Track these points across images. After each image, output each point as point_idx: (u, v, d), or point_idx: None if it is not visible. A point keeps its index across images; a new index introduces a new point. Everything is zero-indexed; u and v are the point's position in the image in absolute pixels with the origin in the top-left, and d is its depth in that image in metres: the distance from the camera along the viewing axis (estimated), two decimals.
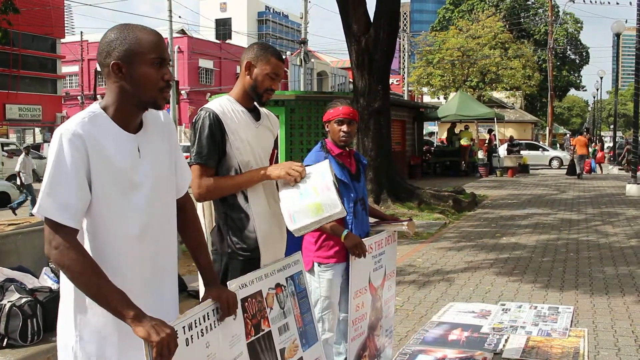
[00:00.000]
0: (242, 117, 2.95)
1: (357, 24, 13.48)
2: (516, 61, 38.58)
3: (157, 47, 2.07)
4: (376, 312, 3.92)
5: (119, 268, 2.04)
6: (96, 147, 1.99)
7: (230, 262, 2.92)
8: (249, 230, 2.91)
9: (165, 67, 2.09)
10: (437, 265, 8.04)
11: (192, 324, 2.17)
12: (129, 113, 2.09)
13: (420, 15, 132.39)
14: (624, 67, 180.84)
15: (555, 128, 50.23)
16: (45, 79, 44.14)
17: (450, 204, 13.51)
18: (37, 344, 3.23)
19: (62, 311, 2.10)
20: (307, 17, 35.91)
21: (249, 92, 2.99)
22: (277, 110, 18.54)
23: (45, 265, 3.86)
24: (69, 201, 1.93)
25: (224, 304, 2.33)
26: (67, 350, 2.06)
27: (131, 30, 2.07)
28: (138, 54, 2.03)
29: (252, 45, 3.07)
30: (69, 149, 1.94)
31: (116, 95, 2.07)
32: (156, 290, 2.16)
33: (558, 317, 5.72)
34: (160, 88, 2.07)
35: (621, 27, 23.90)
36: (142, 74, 2.04)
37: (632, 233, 10.48)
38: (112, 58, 2.03)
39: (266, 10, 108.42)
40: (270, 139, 3.13)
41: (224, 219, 2.93)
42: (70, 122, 1.99)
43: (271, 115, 3.19)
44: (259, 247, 2.93)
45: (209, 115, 2.85)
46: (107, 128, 2.04)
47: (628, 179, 18.15)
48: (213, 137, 2.84)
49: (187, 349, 2.11)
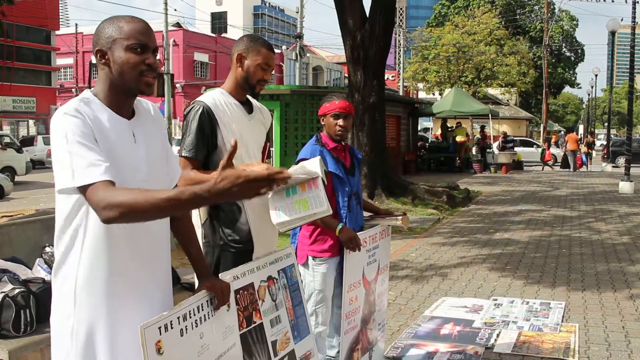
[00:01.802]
0: (235, 110, 2.96)
1: (352, 18, 13.47)
2: (511, 58, 38.65)
3: (138, 33, 2.08)
4: (369, 305, 3.94)
5: (115, 254, 2.04)
6: (97, 125, 2.00)
7: (223, 254, 2.92)
8: (241, 222, 2.92)
9: (147, 53, 2.09)
10: (431, 260, 8.07)
11: (187, 314, 2.19)
12: (118, 99, 2.11)
13: (416, 11, 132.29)
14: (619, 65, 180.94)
15: (549, 125, 50.35)
16: (39, 71, 43.97)
17: (444, 199, 13.55)
18: (30, 334, 3.23)
19: (60, 293, 2.08)
20: (302, 11, 35.84)
21: (241, 84, 3.00)
22: (272, 104, 18.51)
23: (38, 256, 3.86)
24: (97, 160, 1.91)
25: (219, 293, 2.35)
26: (64, 331, 2.05)
27: (117, 19, 2.12)
28: (118, 40, 2.07)
29: (242, 37, 3.09)
30: (78, 122, 1.95)
31: (103, 82, 2.11)
32: (150, 276, 2.17)
33: (550, 312, 5.77)
34: (140, 71, 2.08)
35: (616, 25, 23.96)
36: (122, 58, 2.07)
37: (624, 230, 10.54)
38: (97, 46, 2.10)
39: (262, 4, 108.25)
40: (263, 133, 3.14)
41: (215, 211, 2.93)
42: (68, 105, 2.01)
43: (264, 108, 3.19)
44: (252, 240, 2.93)
45: (200, 109, 2.86)
46: (103, 112, 2.06)
47: (621, 176, 18.22)
48: (202, 130, 2.84)
49: (181, 339, 2.12)
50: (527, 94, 53.04)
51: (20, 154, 21.27)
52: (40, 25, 41.60)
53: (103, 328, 2.04)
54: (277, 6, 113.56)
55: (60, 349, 2.08)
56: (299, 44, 34.21)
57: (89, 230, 2.03)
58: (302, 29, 36.16)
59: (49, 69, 45.03)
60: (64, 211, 2.04)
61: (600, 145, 43.70)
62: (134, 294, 2.09)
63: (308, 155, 3.60)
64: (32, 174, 22.55)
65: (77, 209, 2.02)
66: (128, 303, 2.08)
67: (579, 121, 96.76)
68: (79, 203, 2.01)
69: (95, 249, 2.02)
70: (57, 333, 2.08)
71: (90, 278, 2.03)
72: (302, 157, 3.62)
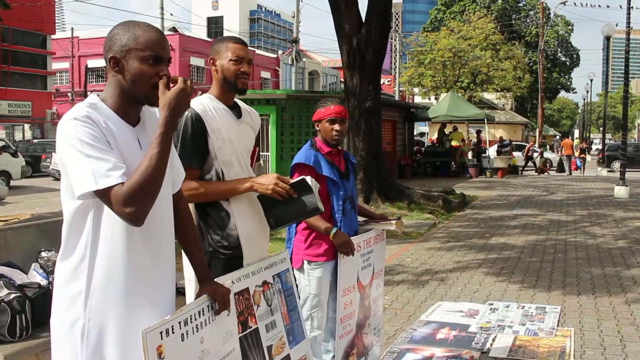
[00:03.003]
0: (224, 115, 2.94)
1: (348, 23, 13.50)
2: (507, 62, 38.78)
3: (154, 44, 2.09)
4: (364, 310, 3.94)
5: (120, 258, 2.04)
6: (106, 130, 2.01)
7: (212, 261, 2.88)
8: (230, 228, 2.90)
9: (162, 65, 2.10)
10: (426, 264, 8.08)
11: (188, 319, 2.19)
12: (126, 106, 2.12)
13: (412, 15, 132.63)
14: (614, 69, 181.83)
15: (545, 130, 50.45)
16: (35, 75, 43.83)
17: (440, 204, 13.55)
18: (26, 339, 3.23)
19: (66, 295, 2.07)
20: (299, 16, 35.93)
21: (223, 86, 2.98)
22: (268, 109, 18.54)
23: (34, 261, 3.85)
24: (115, 162, 1.93)
25: (220, 299, 2.36)
26: (72, 333, 2.03)
27: (133, 26, 2.10)
28: (133, 49, 2.07)
29: (212, 43, 3.10)
30: (89, 127, 1.95)
31: (114, 88, 2.11)
32: (155, 280, 2.17)
33: (545, 316, 5.78)
34: (152, 84, 2.08)
35: (611, 30, 24.05)
36: (136, 69, 2.07)
37: (619, 234, 10.56)
38: (111, 52, 2.08)
39: (258, 8, 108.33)
40: (252, 137, 3.12)
41: (204, 217, 2.91)
42: (77, 109, 2.01)
43: (253, 111, 3.17)
44: (242, 246, 2.91)
45: (190, 116, 2.83)
46: (110, 117, 2.07)
47: (616, 180, 18.27)
48: (196, 138, 2.83)
49: (182, 344, 2.13)
50: (523, 99, 53.19)
51: (15, 159, 21.23)
52: (36, 29, 41.49)
53: (116, 328, 2.04)
54: (274, 11, 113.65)
55: (66, 350, 2.06)
56: (295, 49, 34.23)
57: (103, 228, 2.03)
58: (298, 34, 36.26)
59: (45, 73, 44.90)
60: (71, 212, 2.04)
61: (595, 150, 43.86)
62: (149, 291, 2.09)
63: (303, 160, 3.63)
64: (27, 178, 22.50)
65: (86, 208, 2.02)
66: (143, 301, 2.08)
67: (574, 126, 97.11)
68: (87, 202, 2.01)
69: (113, 246, 2.03)
70: (62, 335, 2.06)
71: (107, 277, 2.03)
72: (297, 162, 3.64)
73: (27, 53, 42.66)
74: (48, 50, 44.67)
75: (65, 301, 2.07)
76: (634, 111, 74.36)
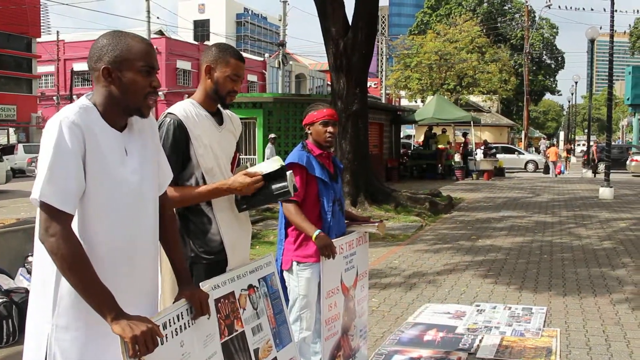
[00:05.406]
0: (206, 122, 2.90)
1: (335, 26, 13.53)
2: (493, 65, 39.05)
3: (147, 55, 2.13)
4: (349, 312, 3.96)
5: (103, 262, 2.05)
6: (91, 137, 2.02)
7: (194, 267, 2.85)
8: (212, 233, 2.87)
9: (153, 76, 2.15)
10: (414, 267, 8.10)
11: (167, 322, 2.20)
12: (115, 115, 2.14)
13: (398, 18, 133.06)
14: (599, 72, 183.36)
15: (530, 132, 50.80)
16: (20, 78, 43.56)
17: (426, 206, 13.60)
18: (13, 345, 3.22)
19: (37, 302, 2.09)
20: (285, 19, 35.94)
21: (211, 95, 2.93)
22: (254, 112, 18.55)
23: (21, 266, 3.84)
24: (69, 187, 1.95)
25: (197, 304, 2.35)
26: (40, 341, 2.05)
27: (123, 37, 2.13)
28: (127, 60, 2.09)
29: (210, 47, 3.00)
30: (69, 136, 1.96)
31: (104, 98, 2.12)
32: (137, 283, 2.18)
33: (531, 317, 5.81)
34: (145, 95, 2.12)
35: (595, 33, 24.28)
36: (130, 80, 2.10)
37: (604, 235, 10.65)
38: (102, 63, 2.09)
39: (245, 11, 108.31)
40: (233, 143, 3.09)
41: (185, 223, 2.88)
42: (68, 111, 2.02)
43: (234, 116, 3.14)
44: (226, 251, 2.89)
45: (173, 123, 2.80)
46: (99, 122, 2.08)
47: (601, 182, 18.41)
48: (177, 145, 2.79)
49: (161, 347, 2.13)
50: (509, 101, 53.56)
51: (0, 163, 21.01)
52: (21, 32, 41.27)
53: (88, 333, 2.04)
54: (260, 14, 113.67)
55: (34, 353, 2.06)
56: (282, 52, 34.29)
57: (82, 231, 2.04)
58: (285, 37, 36.26)
59: (30, 77, 44.65)
60: None
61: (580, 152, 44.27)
62: (119, 294, 2.08)
63: (296, 160, 3.70)
64: (12, 182, 22.31)
65: None
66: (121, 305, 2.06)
67: (559, 128, 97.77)
68: None
69: (86, 250, 2.02)
70: (30, 339, 2.08)
71: None
72: (290, 161, 3.68)
73: (12, 56, 42.40)
74: (33, 53, 44.40)
75: (37, 305, 2.09)
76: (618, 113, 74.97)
